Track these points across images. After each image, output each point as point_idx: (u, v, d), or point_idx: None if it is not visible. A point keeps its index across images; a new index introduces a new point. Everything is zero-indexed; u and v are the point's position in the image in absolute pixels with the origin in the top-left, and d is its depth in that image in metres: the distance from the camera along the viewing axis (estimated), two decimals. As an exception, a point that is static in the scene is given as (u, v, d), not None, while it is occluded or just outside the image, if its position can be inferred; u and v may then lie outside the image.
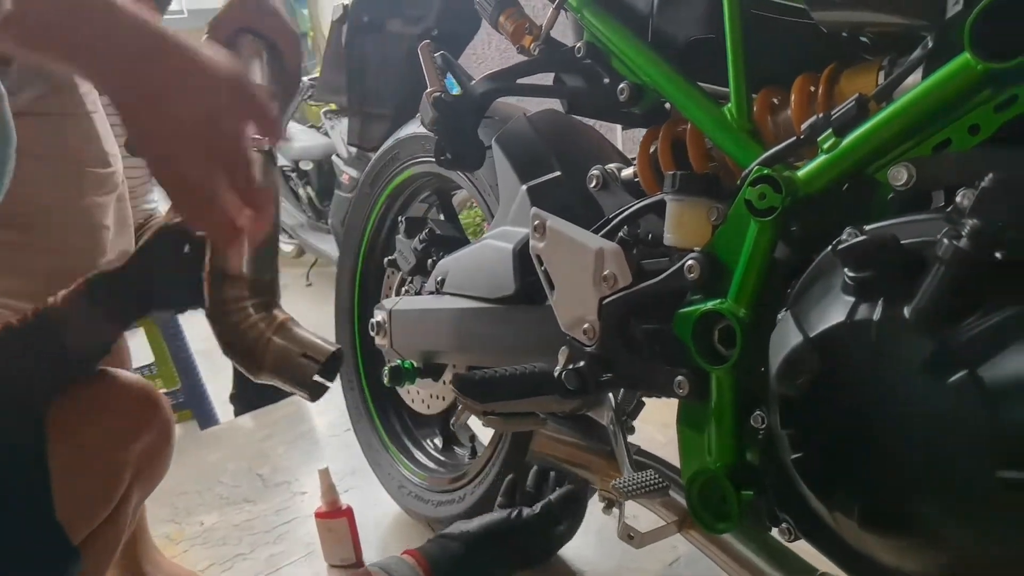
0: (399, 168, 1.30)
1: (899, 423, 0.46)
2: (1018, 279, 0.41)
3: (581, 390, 0.73)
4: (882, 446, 0.47)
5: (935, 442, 0.43)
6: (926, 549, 0.45)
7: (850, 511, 0.47)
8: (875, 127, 0.55)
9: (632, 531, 0.78)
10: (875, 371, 0.46)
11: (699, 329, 0.65)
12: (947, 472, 0.43)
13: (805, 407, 0.50)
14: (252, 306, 0.79)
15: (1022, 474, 0.39)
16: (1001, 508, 0.41)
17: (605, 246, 0.73)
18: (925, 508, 0.44)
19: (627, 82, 0.79)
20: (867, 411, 0.47)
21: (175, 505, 1.56)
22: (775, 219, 0.59)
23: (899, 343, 0.44)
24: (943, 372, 0.42)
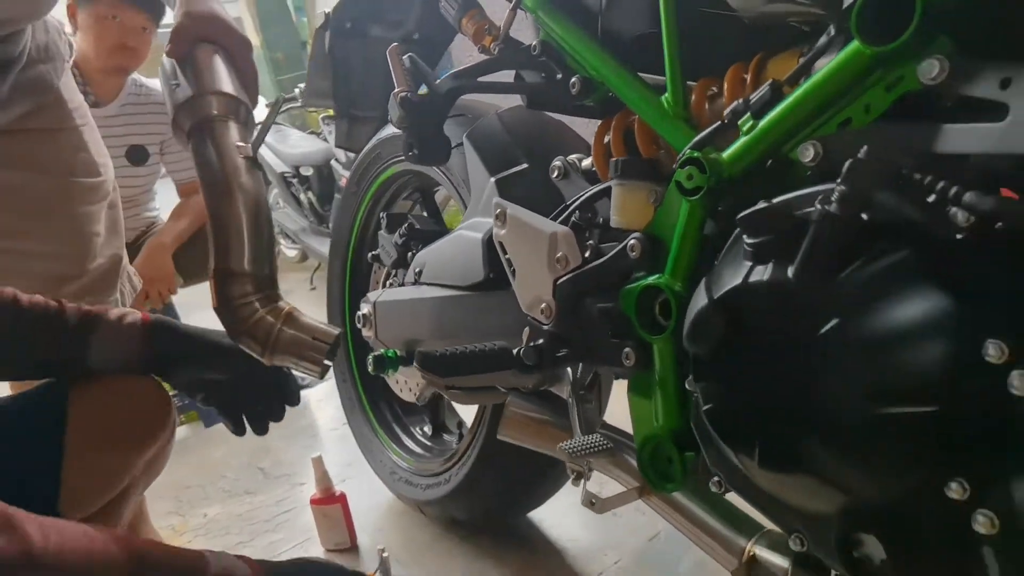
0: (382, 167, 1.36)
1: (786, 371, 0.50)
2: (882, 238, 0.46)
3: (539, 366, 0.78)
4: (773, 392, 0.51)
5: (816, 385, 0.48)
6: (816, 483, 0.50)
7: (751, 454, 0.52)
8: (786, 109, 0.59)
9: (594, 497, 0.83)
10: (766, 325, 0.51)
11: (641, 303, 0.69)
12: (827, 410, 0.48)
13: (711, 363, 0.55)
14: (257, 300, 0.86)
15: (888, 407, 0.44)
16: (873, 438, 0.45)
17: (558, 230, 0.78)
18: (811, 445, 0.49)
19: (578, 76, 0.84)
20: (760, 362, 0.52)
21: (179, 499, 1.62)
22: (702, 198, 0.63)
23: (784, 299, 0.49)
24: (820, 323, 0.46)
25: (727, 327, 0.53)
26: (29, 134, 0.94)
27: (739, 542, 0.75)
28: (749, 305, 0.51)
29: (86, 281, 1.06)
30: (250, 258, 0.89)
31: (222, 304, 0.89)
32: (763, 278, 0.50)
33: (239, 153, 0.92)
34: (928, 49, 0.50)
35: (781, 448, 0.49)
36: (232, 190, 0.90)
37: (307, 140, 4.26)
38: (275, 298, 0.91)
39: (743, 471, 0.56)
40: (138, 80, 2.07)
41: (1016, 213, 0.41)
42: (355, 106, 1.56)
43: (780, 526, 0.59)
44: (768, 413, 0.51)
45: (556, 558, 1.25)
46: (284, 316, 0.91)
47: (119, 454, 0.89)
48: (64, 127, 0.99)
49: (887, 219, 0.45)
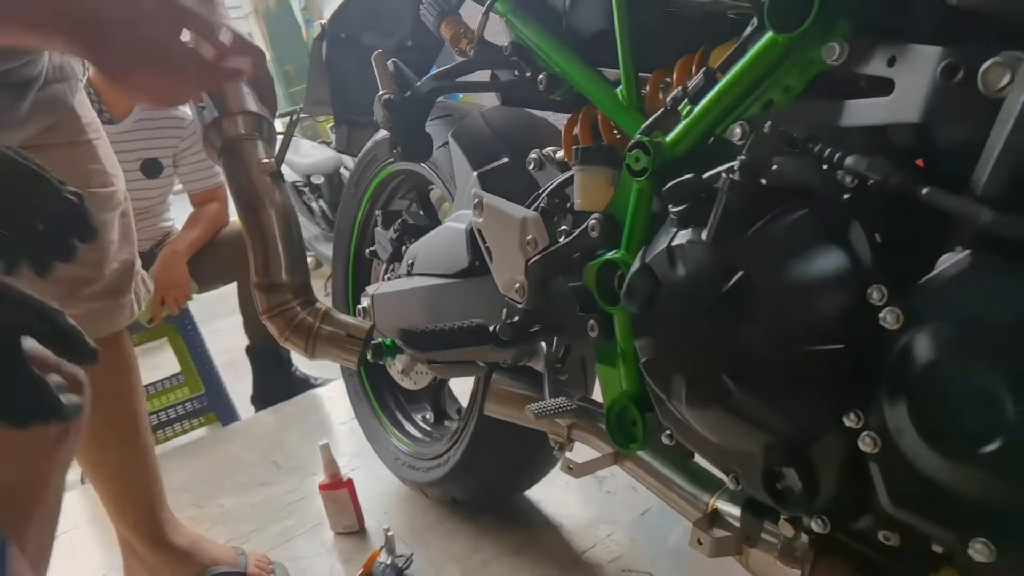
0: (378, 168, 1.43)
1: (705, 321, 0.56)
2: (781, 201, 0.52)
3: (514, 341, 0.85)
4: (696, 341, 0.57)
5: (730, 332, 0.54)
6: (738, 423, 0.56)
7: (680, 399, 0.58)
8: (717, 94, 0.66)
9: (571, 463, 0.89)
10: (682, 281, 0.57)
11: (600, 278, 0.76)
12: (741, 354, 0.54)
13: (643, 320, 0.61)
14: (297, 304, 0.98)
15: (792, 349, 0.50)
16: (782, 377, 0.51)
17: (527, 215, 0.85)
18: (729, 386, 0.54)
19: (545, 74, 0.91)
20: (683, 315, 0.58)
21: (197, 492, 1.71)
22: (648, 178, 0.70)
23: (697, 258, 0.55)
24: (725, 277, 0.52)
25: (655, 287, 0.59)
26: (47, 149, 1.02)
27: (703, 498, 0.80)
28: (670, 265, 0.57)
29: (101, 285, 1.12)
30: (287, 269, 1.03)
31: (267, 313, 1.02)
32: (683, 241, 0.56)
33: (265, 170, 1.03)
34: (830, 33, 0.56)
35: (703, 390, 0.56)
36: (264, 208, 1.02)
37: (318, 149, 4.35)
38: (312, 300, 1.04)
39: (683, 420, 0.62)
40: None
41: (884, 172, 0.47)
42: (352, 112, 1.64)
43: (719, 468, 0.65)
44: (689, 360, 0.57)
45: (552, 533, 1.31)
46: (321, 315, 1.05)
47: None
48: (79, 141, 1.07)
49: (784, 184, 0.51)
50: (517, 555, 1.26)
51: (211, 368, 2.43)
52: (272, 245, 1.04)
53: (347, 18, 1.48)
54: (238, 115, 1.05)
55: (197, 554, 1.27)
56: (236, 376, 2.60)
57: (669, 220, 0.60)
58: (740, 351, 0.53)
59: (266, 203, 1.05)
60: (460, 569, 1.25)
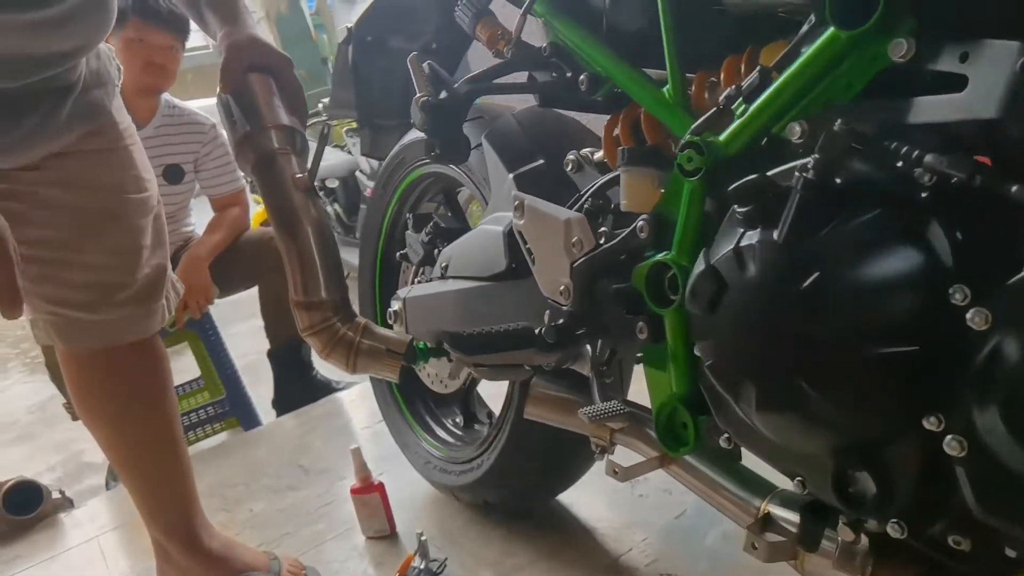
0: (407, 171, 1.43)
1: (776, 322, 0.56)
2: (852, 201, 0.51)
3: (560, 344, 0.84)
4: (765, 343, 0.56)
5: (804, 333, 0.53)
6: (810, 426, 0.55)
7: (750, 402, 0.57)
8: (774, 92, 0.65)
9: (616, 466, 0.89)
10: (756, 283, 0.56)
11: (651, 279, 0.75)
12: (815, 356, 0.53)
13: (710, 322, 0.61)
14: (337, 320, 1.00)
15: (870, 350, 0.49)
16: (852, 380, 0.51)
17: (572, 216, 0.84)
18: (802, 389, 0.54)
19: (586, 74, 0.90)
20: (753, 316, 0.57)
21: (225, 496, 1.70)
22: (701, 178, 0.69)
23: (769, 258, 0.54)
24: (802, 277, 0.52)
25: (721, 288, 0.58)
26: (86, 155, 1.02)
27: (754, 502, 0.79)
28: (740, 266, 0.57)
29: (134, 290, 1.12)
30: (326, 286, 1.05)
31: (309, 330, 1.04)
32: (752, 241, 0.55)
33: (299, 186, 1.04)
34: (896, 29, 0.56)
35: (776, 393, 0.55)
36: (302, 225, 1.04)
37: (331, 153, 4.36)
38: (352, 315, 1.07)
39: (748, 423, 0.61)
40: (171, 102, 2.17)
41: (968, 170, 0.46)
42: (377, 115, 1.64)
43: (784, 472, 0.64)
44: (761, 362, 0.56)
45: (586, 537, 1.30)
46: (361, 330, 1.08)
47: None
48: (116, 147, 1.07)
49: (859, 183, 0.51)
50: (551, 559, 1.26)
51: (232, 373, 2.44)
52: (310, 263, 1.06)
53: (374, 21, 1.48)
54: (271, 129, 1.06)
55: (231, 559, 1.26)
56: (255, 380, 2.60)
57: (734, 220, 0.59)
58: (816, 353, 0.52)
59: (303, 220, 1.07)
60: (494, 573, 1.25)
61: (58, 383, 2.12)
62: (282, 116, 1.06)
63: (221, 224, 2.24)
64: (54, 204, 1.02)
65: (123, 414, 1.18)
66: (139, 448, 1.19)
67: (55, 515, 1.78)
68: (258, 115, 1.04)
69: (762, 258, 0.55)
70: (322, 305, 1.05)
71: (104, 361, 1.14)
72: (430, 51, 1.42)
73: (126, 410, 1.18)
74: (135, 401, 1.18)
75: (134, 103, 2.03)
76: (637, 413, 0.81)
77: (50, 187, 1.00)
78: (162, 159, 2.11)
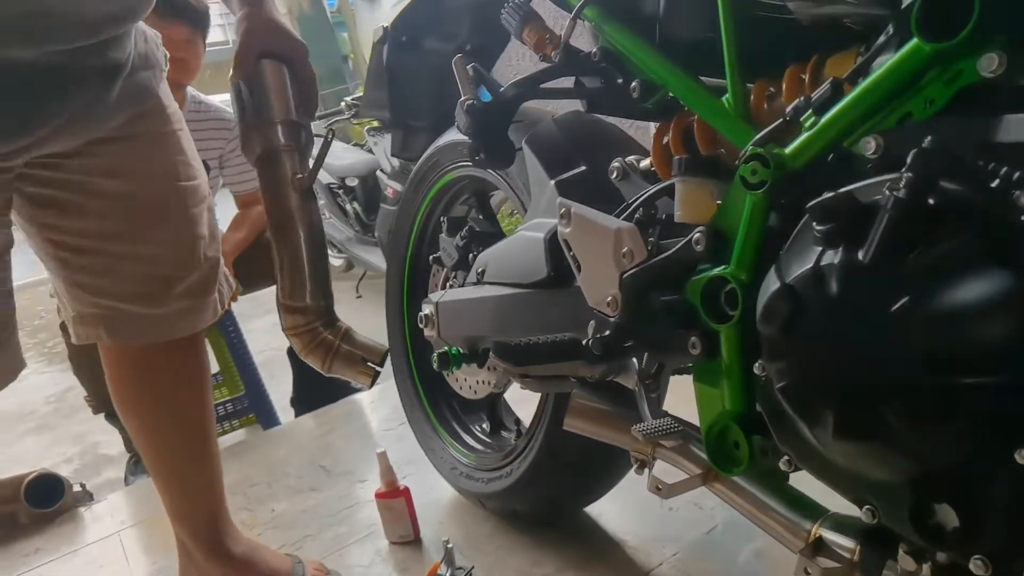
0: (440, 173, 1.41)
1: (859, 346, 0.53)
2: (946, 222, 0.49)
3: (606, 356, 0.82)
4: (846, 367, 0.54)
5: (885, 359, 0.51)
6: (890, 454, 0.53)
7: (826, 428, 0.55)
8: (847, 105, 0.63)
9: (660, 483, 0.87)
10: (837, 305, 0.54)
11: (707, 293, 0.73)
12: (899, 383, 0.51)
13: (783, 342, 0.59)
14: (320, 324, 1.02)
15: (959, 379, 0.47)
16: (941, 408, 0.48)
17: (622, 226, 0.82)
18: (885, 416, 0.52)
19: (638, 80, 0.89)
20: (833, 339, 0.55)
21: (247, 495, 1.69)
22: (765, 192, 0.67)
23: (854, 280, 0.52)
24: (889, 301, 0.50)
25: (799, 308, 0.56)
26: (136, 140, 0.99)
27: (804, 525, 0.77)
28: (821, 286, 0.55)
29: (190, 283, 1.09)
30: (311, 294, 1.09)
31: (291, 331, 1.10)
32: (834, 261, 0.53)
33: (298, 187, 1.04)
34: (988, 43, 0.53)
35: (856, 420, 0.53)
36: (294, 228, 1.06)
37: (352, 152, 4.37)
38: (333, 321, 1.12)
39: (815, 447, 0.59)
40: (197, 97, 2.16)
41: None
42: (410, 116, 1.63)
43: (851, 499, 0.62)
44: (842, 387, 0.54)
45: (615, 550, 1.28)
46: (342, 335, 1.12)
47: None
48: (165, 131, 1.04)
49: (953, 204, 0.49)
50: (579, 571, 1.24)
51: (252, 370, 2.43)
52: (298, 268, 1.11)
53: (409, 22, 1.47)
54: (279, 124, 1.05)
55: (255, 563, 1.25)
56: (270, 377, 2.60)
57: (810, 238, 0.57)
58: (902, 381, 0.50)
59: (297, 224, 1.09)
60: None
61: (80, 375, 2.12)
62: (291, 111, 1.05)
63: (244, 222, 2.24)
64: (106, 193, 0.99)
65: (163, 411, 1.17)
66: (174, 446, 1.18)
67: (75, 508, 1.78)
68: (267, 107, 1.04)
69: (846, 279, 0.53)
70: (305, 310, 1.10)
71: (149, 356, 1.12)
72: (464, 52, 1.41)
73: (166, 407, 1.17)
74: (176, 398, 1.17)
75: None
76: (689, 431, 0.79)
77: (100, 175, 0.97)
78: None
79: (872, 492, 0.58)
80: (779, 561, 1.16)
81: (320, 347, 1.11)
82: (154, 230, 1.04)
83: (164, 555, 1.49)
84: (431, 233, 1.50)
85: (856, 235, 0.52)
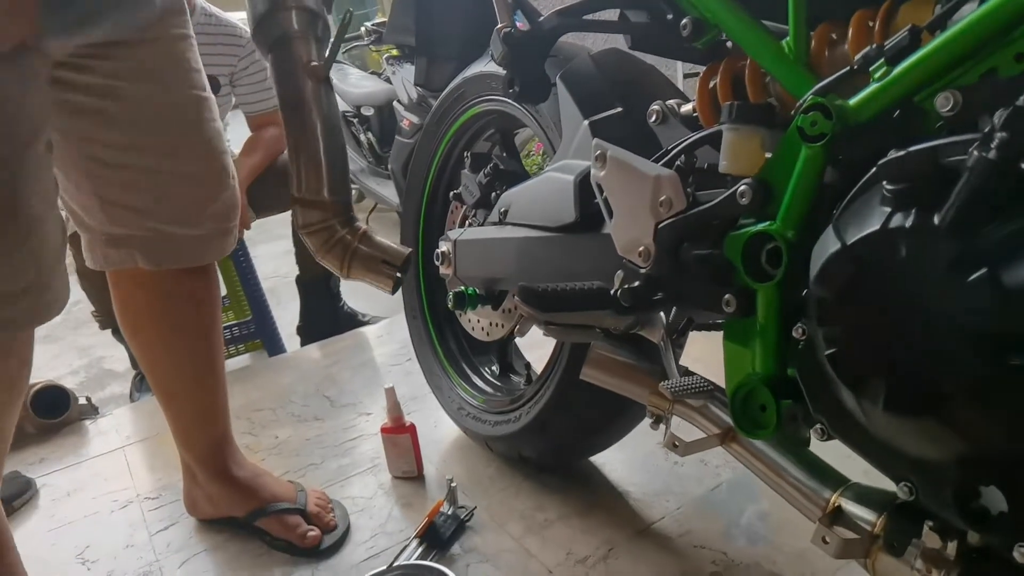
0: (466, 106, 1.36)
1: (923, 316, 0.50)
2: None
3: (634, 307, 0.79)
4: (906, 337, 0.51)
5: (953, 332, 0.48)
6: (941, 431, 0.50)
7: (876, 399, 0.52)
8: (926, 56, 0.58)
9: (677, 440, 0.85)
10: (905, 271, 0.51)
11: (748, 250, 0.69)
12: (964, 358, 0.48)
13: (839, 306, 0.55)
14: (337, 223, 0.93)
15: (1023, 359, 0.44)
16: (1008, 390, 0.46)
17: (662, 173, 0.78)
18: (944, 392, 0.49)
19: (690, 18, 0.83)
20: (895, 306, 0.52)
21: (252, 420, 1.70)
22: (825, 145, 0.62)
23: (928, 246, 0.49)
24: (965, 271, 0.46)
25: (862, 271, 0.53)
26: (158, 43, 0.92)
27: (823, 493, 0.75)
28: (888, 250, 0.51)
29: (219, 203, 1.05)
30: (328, 187, 1.00)
31: (306, 228, 0.99)
32: (905, 224, 0.50)
33: (314, 74, 0.96)
34: (1095, -4, 0.48)
35: (912, 394, 0.50)
36: (310, 114, 0.96)
37: (369, 80, 4.25)
38: (351, 220, 1.02)
39: (858, 417, 0.56)
40: (207, 9, 2.06)
41: None
42: (436, 45, 1.56)
43: (888, 474, 0.60)
44: (901, 358, 0.51)
45: (617, 500, 1.28)
46: (360, 235, 1.03)
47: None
48: (186, 35, 0.98)
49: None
50: (582, 518, 1.23)
51: (260, 296, 2.41)
52: (314, 158, 1.00)
53: (442, -58, 1.40)
54: (292, 9, 0.98)
55: (258, 489, 1.25)
56: (277, 304, 2.59)
57: (877, 197, 0.53)
58: (969, 357, 0.47)
59: (312, 111, 0.99)
60: (523, 527, 1.23)
61: (88, 291, 2.10)
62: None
63: (257, 146, 2.18)
64: (134, 97, 0.94)
65: (174, 337, 1.14)
66: (184, 372, 1.17)
67: (81, 421, 1.79)
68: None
69: (918, 245, 0.49)
70: (323, 205, 1.00)
71: (163, 279, 1.09)
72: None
73: (177, 334, 1.14)
74: (187, 323, 1.15)
75: None
76: (715, 391, 0.77)
77: (128, 79, 0.92)
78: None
79: (913, 468, 0.56)
80: (783, 524, 1.16)
81: (337, 247, 1.03)
82: (189, 143, 1.00)
83: (168, 472, 1.50)
84: (451, 168, 1.46)
85: (931, 197, 0.48)
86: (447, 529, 1.20)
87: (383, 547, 1.22)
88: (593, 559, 1.14)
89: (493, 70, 1.25)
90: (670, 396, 0.74)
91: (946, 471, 0.52)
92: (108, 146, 0.95)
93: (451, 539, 1.20)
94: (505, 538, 1.21)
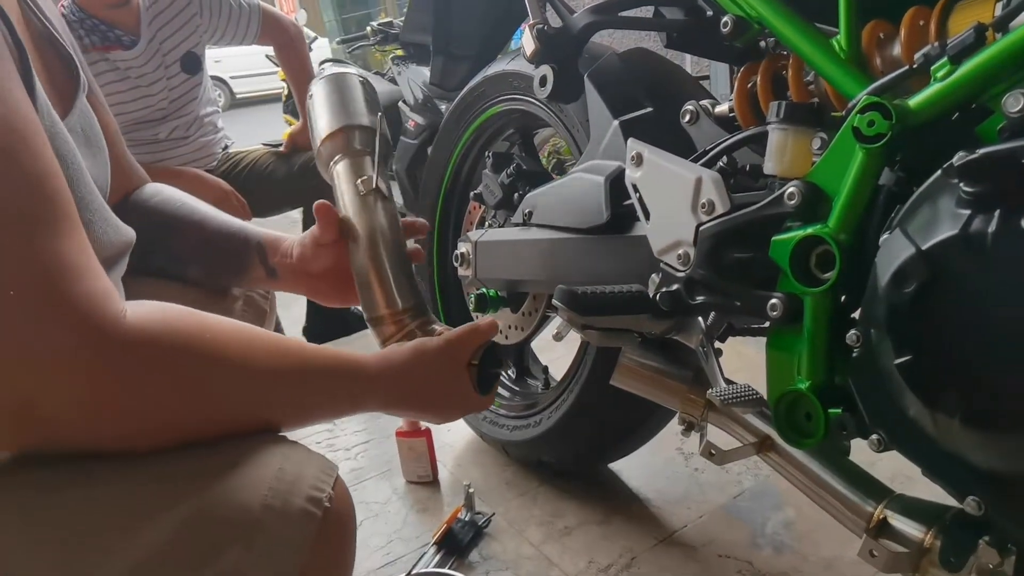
0: (485, 105, 1.34)
1: (1012, 323, 0.48)
2: None
3: (674, 311, 0.77)
4: (992, 345, 0.49)
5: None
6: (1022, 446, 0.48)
7: (953, 411, 0.50)
8: (993, 55, 0.56)
9: (714, 448, 0.83)
10: (991, 275, 0.49)
11: (797, 254, 0.67)
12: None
13: (912, 314, 0.53)
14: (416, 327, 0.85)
15: None
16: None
17: (704, 174, 0.76)
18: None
19: (731, 15, 0.81)
20: (977, 315, 0.50)
21: (261, 422, 1.67)
22: (883, 146, 0.60)
23: (1012, 249, 0.47)
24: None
25: (938, 277, 0.50)
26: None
27: (867, 505, 0.73)
28: (969, 254, 0.49)
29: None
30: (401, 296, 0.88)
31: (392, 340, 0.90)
32: (988, 228, 0.48)
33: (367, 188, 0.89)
34: None
35: (993, 407, 0.48)
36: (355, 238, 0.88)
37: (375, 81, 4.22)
38: (429, 321, 0.91)
39: (924, 430, 0.54)
40: None
41: None
42: (453, 44, 1.54)
43: (950, 489, 0.58)
44: (983, 369, 0.49)
45: (639, 507, 1.25)
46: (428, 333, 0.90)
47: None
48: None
49: None
50: (601, 526, 1.21)
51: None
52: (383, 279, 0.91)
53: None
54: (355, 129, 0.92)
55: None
56: (281, 306, 2.55)
57: (953, 200, 0.51)
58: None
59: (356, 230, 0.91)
60: (542, 533, 1.21)
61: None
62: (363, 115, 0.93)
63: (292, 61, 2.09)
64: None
65: None
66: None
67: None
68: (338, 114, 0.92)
69: (1003, 248, 0.47)
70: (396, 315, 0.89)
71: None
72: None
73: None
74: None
75: (112, 17, 1.84)
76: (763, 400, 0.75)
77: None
78: (174, 53, 1.94)
79: (983, 483, 0.54)
80: (808, 533, 1.14)
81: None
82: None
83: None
84: (468, 167, 1.44)
85: (1015, 200, 0.46)
86: (465, 536, 1.18)
87: (400, 553, 1.20)
88: (616, 568, 1.12)
89: (515, 68, 1.23)
90: (719, 404, 0.72)
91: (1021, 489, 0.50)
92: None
93: (469, 546, 1.18)
94: (524, 545, 1.18)
